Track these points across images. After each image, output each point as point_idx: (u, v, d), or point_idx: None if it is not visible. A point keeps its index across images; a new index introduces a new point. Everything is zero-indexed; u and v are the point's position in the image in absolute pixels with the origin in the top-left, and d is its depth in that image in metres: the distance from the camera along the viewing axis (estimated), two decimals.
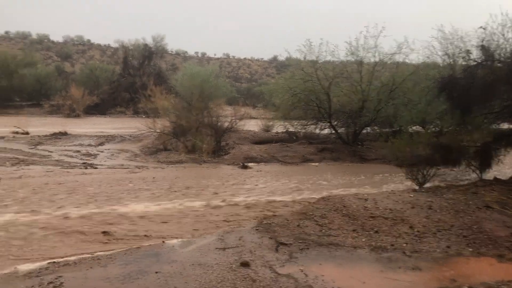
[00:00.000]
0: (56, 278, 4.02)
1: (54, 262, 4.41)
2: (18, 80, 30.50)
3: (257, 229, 5.48)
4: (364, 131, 14.90)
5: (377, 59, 14.08)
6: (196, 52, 77.87)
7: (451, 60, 9.60)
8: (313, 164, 12.21)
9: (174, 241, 5.18)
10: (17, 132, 16.47)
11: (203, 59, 72.23)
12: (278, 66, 64.87)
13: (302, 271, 4.26)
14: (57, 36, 69.31)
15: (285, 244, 4.95)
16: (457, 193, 6.66)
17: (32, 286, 3.87)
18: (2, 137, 15.07)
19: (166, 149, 13.11)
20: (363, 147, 14.33)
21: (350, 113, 14.23)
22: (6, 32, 66.92)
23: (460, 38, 9.10)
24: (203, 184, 8.78)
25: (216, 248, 4.87)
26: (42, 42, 66.05)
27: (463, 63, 8.99)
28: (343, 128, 15.09)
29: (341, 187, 9.08)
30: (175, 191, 8.02)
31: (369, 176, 10.42)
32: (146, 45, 32.61)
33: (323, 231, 5.28)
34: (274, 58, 71.62)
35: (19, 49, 47.46)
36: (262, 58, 77.92)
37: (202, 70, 16.44)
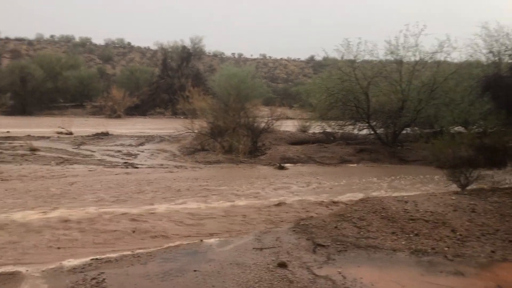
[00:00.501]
0: (99, 274, 4.15)
1: (97, 259, 4.55)
2: (62, 82, 31.66)
3: (294, 230, 5.47)
4: (404, 131, 14.57)
5: (417, 58, 13.76)
6: (233, 53, 78.46)
7: (496, 58, 9.27)
8: (351, 165, 12.06)
9: (212, 240, 5.24)
10: (61, 132, 17.10)
11: (239, 60, 72.67)
12: (315, 66, 64.42)
13: (340, 273, 4.23)
14: (99, 39, 71.22)
15: (323, 246, 4.92)
16: (503, 196, 6.41)
17: (76, 281, 4.01)
18: (48, 137, 15.69)
19: (204, 149, 13.28)
20: (402, 148, 14.03)
21: (390, 113, 13.95)
22: (51, 36, 69.71)
23: (506, 35, 8.76)
24: (239, 184, 8.84)
25: (254, 248, 4.89)
26: (85, 45, 68.30)
27: (510, 61, 8.65)
28: (382, 129, 14.82)
29: (379, 188, 8.93)
30: (214, 191, 8.11)
31: (408, 177, 10.19)
32: (184, 47, 33.12)
33: (361, 233, 5.22)
34: (311, 58, 71.13)
35: (63, 52, 49.34)
36: (298, 58, 77.57)
37: (238, 71, 16.50)
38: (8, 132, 16.38)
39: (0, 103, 14.00)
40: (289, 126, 17.19)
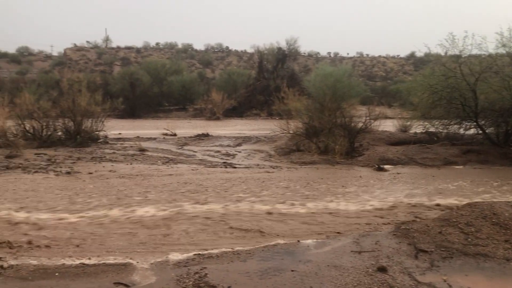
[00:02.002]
0: (201, 269, 4.36)
1: (199, 254, 4.79)
2: (167, 86, 33.72)
3: (394, 234, 5.27)
4: None
5: None
6: (329, 53, 77.70)
7: None
8: (456, 167, 11.28)
9: (309, 241, 5.24)
10: (166, 134, 18.23)
11: (335, 59, 71.70)
12: (416, 62, 61.38)
13: (445, 281, 3.99)
14: (199, 45, 75.08)
15: (425, 251, 4.68)
16: None
17: (181, 274, 4.26)
18: (154, 138, 16.85)
19: (299, 149, 13.30)
20: None
21: (501, 111, 12.79)
22: (157, 44, 74.85)
23: None
24: (336, 185, 8.71)
25: (352, 251, 4.81)
26: (187, 51, 72.18)
27: None
28: (491, 128, 13.66)
29: (489, 192, 8.24)
30: (311, 191, 8.10)
31: None
32: (280, 48, 33.44)
33: (468, 239, 4.87)
34: (411, 55, 67.97)
35: (167, 58, 52.46)
36: (398, 55, 74.48)
37: (334, 70, 16.26)
38: (119, 133, 17.86)
39: (113, 107, 15.40)
40: (388, 125, 16.58)
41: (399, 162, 11.49)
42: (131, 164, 11.15)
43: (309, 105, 14.53)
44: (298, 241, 5.23)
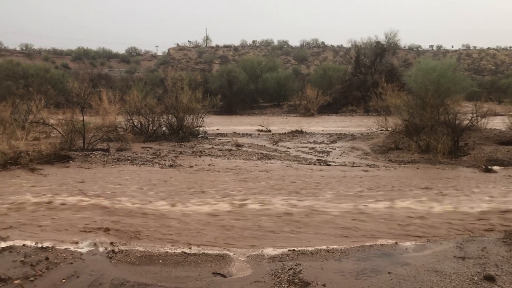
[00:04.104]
0: (296, 265, 4.40)
1: (294, 250, 4.83)
2: (262, 83, 34.39)
3: (504, 241, 4.88)
4: None
5: None
6: (431, 46, 73.65)
7: None
8: None
9: (407, 243, 5.04)
10: (261, 130, 18.62)
11: (438, 53, 67.73)
12: None
13: None
14: (295, 41, 75.39)
15: None
16: None
17: (276, 269, 4.33)
18: (250, 134, 17.30)
19: (398, 148, 12.80)
20: None
21: None
22: (253, 41, 76.51)
23: None
24: (440, 187, 8.23)
25: (454, 257, 4.54)
26: (282, 48, 72.80)
27: None
28: None
29: None
30: (412, 191, 7.76)
31: None
32: (378, 42, 32.39)
33: None
34: None
35: (263, 56, 53.39)
36: (510, 47, 68.20)
37: (437, 64, 15.33)
38: (217, 129, 18.61)
39: (212, 104, 16.20)
40: (497, 123, 15.29)
41: (511, 163, 10.54)
42: (228, 159, 11.55)
43: (409, 101, 13.89)
44: (396, 242, 5.05)
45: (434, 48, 73.25)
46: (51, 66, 43.59)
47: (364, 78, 31.32)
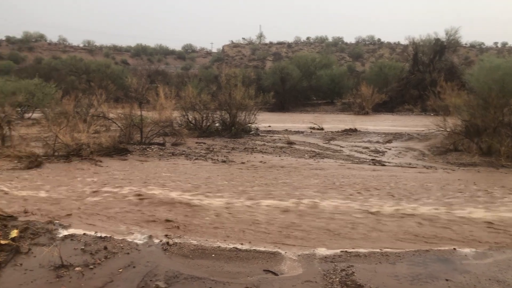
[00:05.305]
0: (348, 267, 4.33)
1: (346, 251, 4.76)
2: (316, 80, 33.99)
3: None
4: None
5: None
6: (495, 43, 69.89)
7: None
8: None
9: (467, 249, 4.83)
10: (313, 128, 18.44)
11: (503, 50, 64.09)
12: None
13: None
14: (350, 38, 74.19)
15: None
16: None
17: (328, 269, 4.29)
18: (302, 132, 17.20)
19: (457, 149, 12.26)
20: None
21: None
22: (307, 38, 76.07)
23: None
24: (502, 192, 7.80)
25: None
26: (337, 45, 71.81)
27: None
28: None
29: None
30: (473, 196, 7.42)
31: None
32: (437, 39, 31.10)
33: None
34: None
35: (317, 52, 52.83)
36: None
37: (503, 63, 14.51)
38: (269, 126, 18.63)
39: (264, 101, 16.22)
40: None
41: None
42: (279, 156, 11.54)
43: (470, 101, 13.24)
44: (454, 248, 4.85)
45: (499, 45, 69.54)
46: (111, 62, 45.58)
47: (422, 76, 30.21)
